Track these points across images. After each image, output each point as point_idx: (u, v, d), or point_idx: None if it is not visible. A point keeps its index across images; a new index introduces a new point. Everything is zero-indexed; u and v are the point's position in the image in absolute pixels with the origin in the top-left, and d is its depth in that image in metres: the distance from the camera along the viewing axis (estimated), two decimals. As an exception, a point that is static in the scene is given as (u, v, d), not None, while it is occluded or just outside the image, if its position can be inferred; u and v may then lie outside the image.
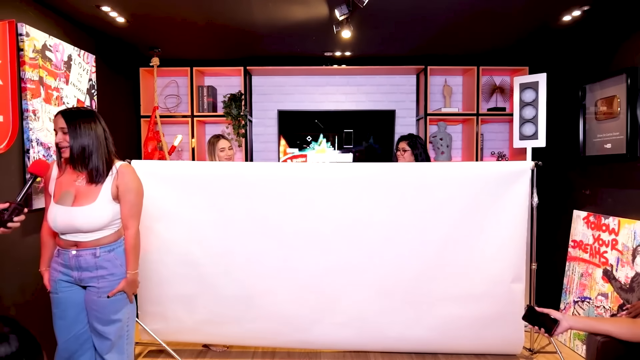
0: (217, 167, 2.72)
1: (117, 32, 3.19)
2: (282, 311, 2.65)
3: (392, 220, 2.59)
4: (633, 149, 2.66)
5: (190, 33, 3.24)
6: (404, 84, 4.25)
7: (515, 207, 2.58)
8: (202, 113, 3.95)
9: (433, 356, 2.78)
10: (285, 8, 2.75)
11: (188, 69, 3.90)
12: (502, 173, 2.59)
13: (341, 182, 2.61)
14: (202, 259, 2.62)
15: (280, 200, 2.60)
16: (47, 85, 2.49)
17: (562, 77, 3.43)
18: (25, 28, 2.30)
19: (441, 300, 2.62)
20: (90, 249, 1.84)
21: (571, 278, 3.06)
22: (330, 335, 2.69)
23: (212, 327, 2.70)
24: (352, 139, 4.14)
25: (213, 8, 2.74)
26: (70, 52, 2.73)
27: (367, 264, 2.61)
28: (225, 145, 3.03)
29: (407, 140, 3.16)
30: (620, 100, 2.75)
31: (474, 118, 3.90)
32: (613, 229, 2.76)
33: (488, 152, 4.21)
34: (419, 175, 2.62)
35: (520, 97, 3.07)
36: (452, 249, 2.59)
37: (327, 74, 4.22)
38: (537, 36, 3.31)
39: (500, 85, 4.09)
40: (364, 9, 2.55)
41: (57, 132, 1.80)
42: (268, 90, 4.27)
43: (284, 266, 2.61)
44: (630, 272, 2.59)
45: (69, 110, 1.83)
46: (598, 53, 3.03)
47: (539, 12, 2.83)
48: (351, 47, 3.61)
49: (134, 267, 1.91)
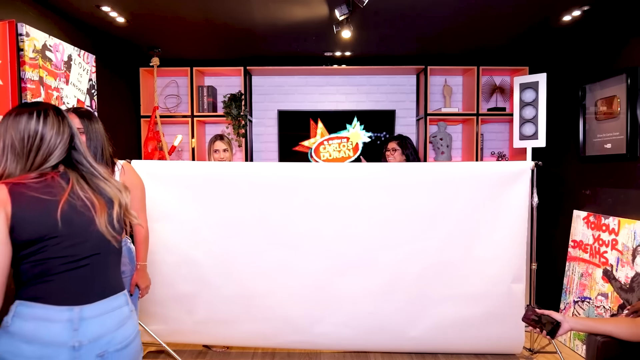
0: (217, 167, 2.72)
1: (117, 32, 3.19)
2: (283, 311, 2.65)
3: (392, 220, 2.59)
4: (633, 149, 2.66)
5: (190, 33, 3.24)
6: (404, 84, 4.25)
7: (515, 207, 2.58)
8: (202, 113, 3.95)
9: (433, 356, 2.78)
10: (286, 8, 2.75)
11: (188, 69, 3.90)
12: (502, 173, 2.59)
13: (341, 182, 2.61)
14: (202, 259, 2.61)
15: (280, 200, 2.60)
16: (47, 85, 2.49)
17: (562, 77, 3.43)
18: (25, 28, 2.30)
19: (441, 300, 2.62)
20: None
21: (571, 278, 3.06)
22: (331, 335, 2.69)
23: (213, 328, 2.70)
24: (352, 139, 4.13)
25: (213, 8, 2.74)
26: (70, 52, 2.73)
27: (367, 264, 2.61)
28: (220, 147, 2.97)
29: (397, 140, 3.17)
30: (620, 100, 2.75)
31: (474, 118, 3.90)
32: (613, 229, 2.76)
33: (488, 152, 4.21)
34: (419, 176, 2.62)
35: (520, 97, 3.07)
36: (452, 248, 2.59)
37: (327, 74, 4.21)
38: (537, 36, 3.31)
39: (500, 85, 4.09)
40: (364, 9, 2.55)
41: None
42: (268, 90, 4.27)
43: (284, 266, 2.61)
44: (630, 272, 2.59)
45: (81, 110, 1.84)
46: (598, 53, 3.03)
47: (539, 12, 2.83)
48: (351, 47, 3.61)
49: (144, 259, 1.98)
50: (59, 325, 1.00)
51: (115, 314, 1.10)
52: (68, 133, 1.15)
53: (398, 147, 3.14)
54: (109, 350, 1.05)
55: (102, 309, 1.07)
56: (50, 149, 1.10)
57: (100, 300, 1.07)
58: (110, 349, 1.06)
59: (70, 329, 1.00)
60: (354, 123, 4.02)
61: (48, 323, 1.00)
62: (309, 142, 4.06)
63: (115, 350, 1.06)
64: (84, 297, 1.05)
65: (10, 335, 0.99)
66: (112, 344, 1.06)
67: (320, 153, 4.01)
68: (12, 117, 1.11)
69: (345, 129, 4.02)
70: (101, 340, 1.04)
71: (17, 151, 1.08)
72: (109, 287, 1.11)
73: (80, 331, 1.01)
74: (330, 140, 3.99)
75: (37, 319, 0.99)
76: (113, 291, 1.12)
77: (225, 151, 2.97)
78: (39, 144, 1.08)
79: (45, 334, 0.99)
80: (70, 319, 1.01)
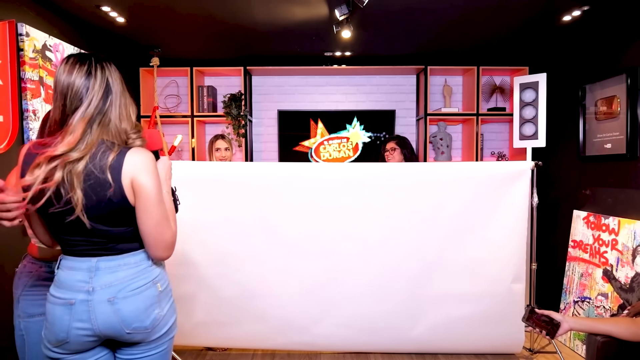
0: (218, 167, 2.72)
1: (117, 31, 3.19)
2: (282, 312, 2.65)
3: (392, 220, 2.59)
4: (633, 149, 2.66)
5: (190, 33, 3.24)
6: (404, 84, 4.25)
7: (515, 207, 2.58)
8: (202, 113, 3.95)
9: (433, 356, 2.78)
10: (286, 8, 2.75)
11: (188, 69, 3.90)
12: (502, 173, 2.59)
13: (341, 182, 2.60)
14: (201, 260, 2.61)
15: (280, 200, 2.59)
16: (47, 85, 2.49)
17: (562, 77, 3.43)
18: (25, 28, 2.30)
19: (441, 300, 2.62)
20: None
21: (571, 278, 3.06)
22: (330, 336, 2.69)
23: (212, 329, 2.69)
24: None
25: (213, 8, 2.74)
26: (70, 52, 2.73)
27: (367, 264, 2.61)
28: (222, 145, 3.03)
29: (396, 140, 3.19)
30: (620, 100, 2.75)
31: (474, 118, 3.90)
32: (613, 229, 2.76)
33: (488, 152, 4.21)
34: (419, 176, 2.61)
35: (520, 97, 3.07)
36: (452, 248, 2.59)
37: (327, 74, 4.21)
38: (537, 36, 3.31)
39: (500, 85, 4.09)
40: (364, 9, 2.55)
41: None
42: (268, 90, 4.27)
43: (284, 267, 2.61)
44: (630, 272, 2.59)
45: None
46: (598, 53, 3.03)
47: (539, 12, 2.83)
48: (351, 47, 3.61)
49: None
50: (79, 272, 1.20)
51: (129, 267, 1.24)
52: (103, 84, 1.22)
53: (397, 146, 3.15)
54: (118, 296, 1.20)
55: (117, 262, 1.22)
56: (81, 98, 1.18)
57: (116, 255, 1.23)
58: (120, 295, 1.20)
59: (87, 276, 1.19)
60: (353, 123, 4.02)
61: (73, 271, 1.21)
62: (309, 142, 4.06)
63: (124, 297, 1.20)
64: (102, 251, 1.22)
65: (55, 281, 1.24)
66: (122, 292, 1.20)
67: (320, 153, 4.01)
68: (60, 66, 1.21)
69: (345, 129, 4.02)
70: (112, 288, 1.20)
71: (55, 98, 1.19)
72: (126, 245, 1.26)
73: (94, 279, 1.19)
74: (330, 140, 4.00)
75: (67, 268, 1.22)
76: (129, 249, 1.25)
77: (226, 150, 3.03)
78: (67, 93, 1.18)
79: (70, 279, 1.20)
80: (88, 268, 1.20)
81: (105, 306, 1.19)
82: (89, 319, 1.18)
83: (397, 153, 3.14)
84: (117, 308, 1.20)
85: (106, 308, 1.19)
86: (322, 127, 3.96)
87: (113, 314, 1.19)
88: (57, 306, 1.19)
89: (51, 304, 1.21)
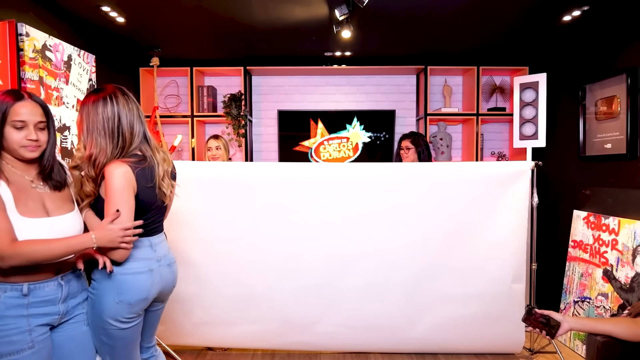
0: (217, 167, 2.72)
1: (117, 32, 3.20)
2: (282, 312, 2.65)
3: (392, 221, 2.59)
4: (633, 149, 2.66)
5: (190, 33, 3.24)
6: (404, 84, 4.25)
7: (515, 207, 2.58)
8: (202, 113, 3.95)
9: (433, 356, 2.78)
10: (286, 8, 2.75)
11: (188, 69, 3.90)
12: (502, 173, 2.59)
13: (341, 182, 2.60)
14: (201, 260, 2.61)
15: (280, 200, 2.59)
16: (47, 85, 2.49)
17: (562, 77, 3.43)
18: (25, 28, 2.30)
19: (441, 300, 2.62)
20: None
21: (571, 278, 3.06)
22: (330, 335, 2.69)
23: (212, 329, 2.69)
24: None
25: (213, 8, 2.74)
26: (70, 52, 2.73)
27: (367, 264, 2.61)
28: (213, 145, 3.03)
29: (410, 138, 3.16)
30: (620, 100, 2.75)
31: (474, 118, 3.90)
32: (613, 229, 2.76)
33: (488, 152, 4.21)
34: (419, 176, 2.62)
35: (520, 97, 3.07)
36: (452, 249, 2.59)
37: (327, 74, 4.21)
38: (537, 36, 3.31)
39: (500, 85, 4.09)
40: (364, 9, 2.55)
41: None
42: (268, 90, 4.27)
43: (284, 266, 2.61)
44: (630, 272, 2.59)
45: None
46: (598, 53, 3.03)
47: (539, 12, 2.83)
48: (351, 47, 3.61)
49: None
50: (147, 248, 1.62)
51: (165, 242, 1.74)
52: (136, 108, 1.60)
53: (412, 145, 3.12)
54: (169, 263, 1.70)
55: (160, 239, 1.70)
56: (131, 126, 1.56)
57: (159, 234, 1.69)
58: (170, 262, 1.70)
59: (152, 250, 1.63)
60: (353, 123, 4.02)
61: (143, 247, 1.61)
62: (309, 142, 4.06)
63: (169, 264, 1.69)
64: (153, 232, 1.65)
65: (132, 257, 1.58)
66: (170, 260, 1.71)
67: (320, 153, 4.01)
68: (90, 104, 1.51)
69: (345, 129, 4.02)
70: (166, 258, 1.69)
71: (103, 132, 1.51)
72: (161, 227, 1.73)
73: (157, 251, 1.64)
74: (330, 140, 4.00)
75: (138, 246, 1.59)
76: (162, 230, 1.74)
77: (217, 149, 3.02)
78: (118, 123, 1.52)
79: (143, 253, 1.60)
80: (150, 244, 1.63)
81: (167, 269, 1.67)
82: (161, 280, 1.63)
83: (412, 152, 3.11)
84: (172, 270, 1.71)
85: (168, 270, 1.67)
86: (322, 127, 3.96)
87: (171, 275, 1.70)
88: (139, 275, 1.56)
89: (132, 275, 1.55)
